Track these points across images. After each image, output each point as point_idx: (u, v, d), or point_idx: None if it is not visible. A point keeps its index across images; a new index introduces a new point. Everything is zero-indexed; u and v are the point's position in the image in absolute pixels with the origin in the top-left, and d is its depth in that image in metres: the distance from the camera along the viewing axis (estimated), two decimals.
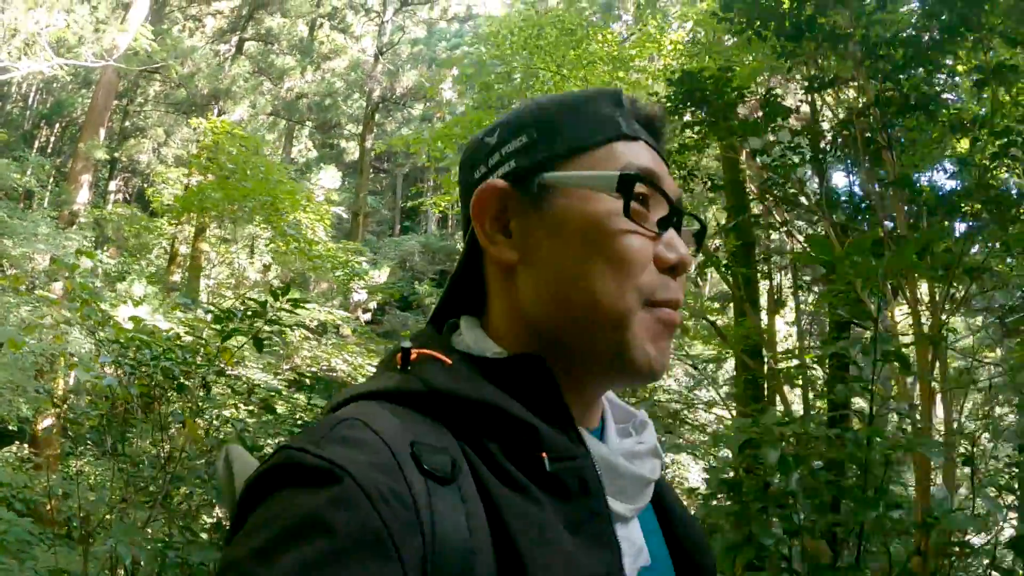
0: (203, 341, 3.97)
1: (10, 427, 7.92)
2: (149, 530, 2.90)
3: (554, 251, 0.69)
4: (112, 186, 19.10)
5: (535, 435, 0.62)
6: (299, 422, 9.54)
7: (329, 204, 9.18)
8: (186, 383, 3.36)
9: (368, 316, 13.51)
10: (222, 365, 3.85)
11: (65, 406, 7.58)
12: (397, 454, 0.55)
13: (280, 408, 9.13)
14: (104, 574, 2.79)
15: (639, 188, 0.68)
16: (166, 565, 2.45)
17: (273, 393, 8.82)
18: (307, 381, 9.44)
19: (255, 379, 8.90)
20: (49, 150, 20.11)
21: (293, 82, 13.76)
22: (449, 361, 0.66)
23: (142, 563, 2.42)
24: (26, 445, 8.54)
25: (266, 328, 3.17)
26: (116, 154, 15.49)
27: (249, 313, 3.14)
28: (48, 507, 6.21)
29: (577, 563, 0.58)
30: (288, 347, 8.93)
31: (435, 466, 0.56)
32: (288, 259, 8.58)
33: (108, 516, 3.08)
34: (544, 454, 0.61)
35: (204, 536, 4.04)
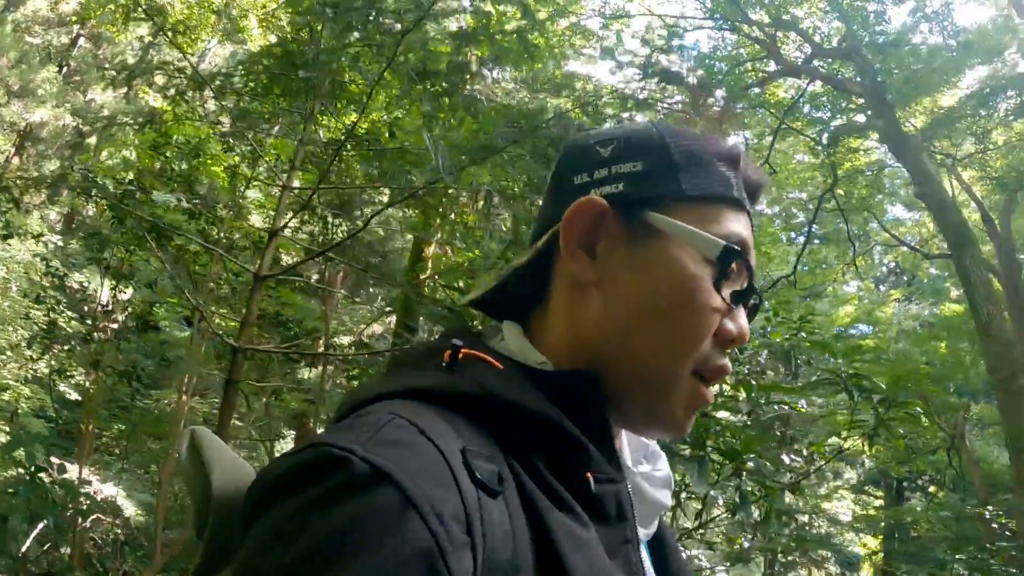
0: None
1: None
2: None
3: (633, 289, 0.68)
4: None
5: (585, 454, 0.61)
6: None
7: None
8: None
9: None
10: None
11: None
12: (451, 462, 0.52)
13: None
14: None
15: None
16: None
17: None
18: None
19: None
20: None
21: (96, 95, 15.61)
22: (501, 366, 0.64)
23: None
24: None
25: None
26: None
27: None
28: None
29: None
30: None
31: (485, 477, 0.53)
32: None
33: None
34: (589, 474, 0.60)
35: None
